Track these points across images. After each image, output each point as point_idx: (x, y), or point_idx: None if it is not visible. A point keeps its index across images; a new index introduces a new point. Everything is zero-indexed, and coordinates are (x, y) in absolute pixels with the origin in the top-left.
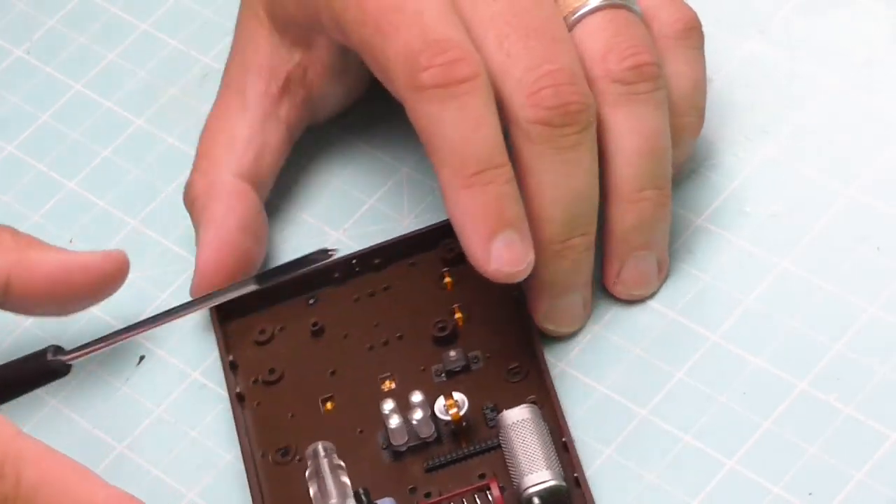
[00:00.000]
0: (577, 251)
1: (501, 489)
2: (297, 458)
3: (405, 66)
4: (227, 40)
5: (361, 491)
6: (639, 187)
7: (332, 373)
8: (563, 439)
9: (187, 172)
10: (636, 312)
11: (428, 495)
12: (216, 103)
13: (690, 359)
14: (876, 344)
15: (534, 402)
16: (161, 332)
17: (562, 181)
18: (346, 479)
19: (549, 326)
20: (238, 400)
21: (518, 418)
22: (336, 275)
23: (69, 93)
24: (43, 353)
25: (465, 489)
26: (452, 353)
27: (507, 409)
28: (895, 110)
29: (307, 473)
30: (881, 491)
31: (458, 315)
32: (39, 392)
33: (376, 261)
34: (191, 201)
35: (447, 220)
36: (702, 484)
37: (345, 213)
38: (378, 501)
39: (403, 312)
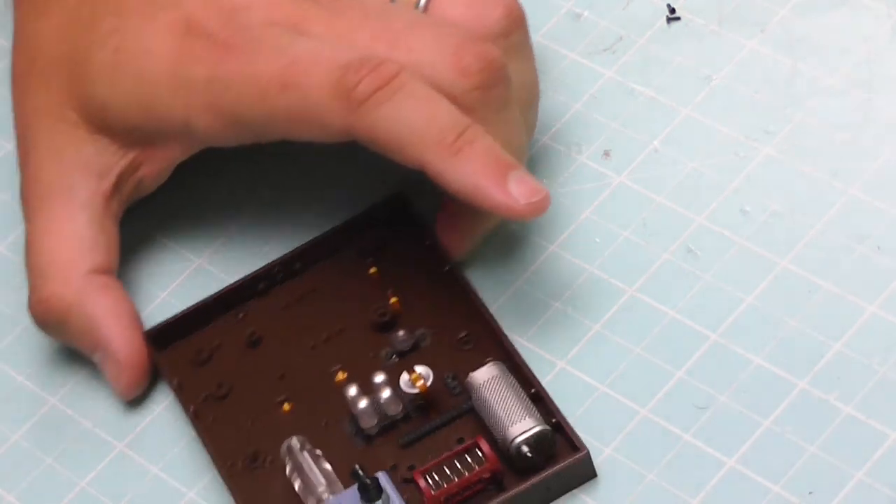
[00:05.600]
0: None
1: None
2: (270, 459)
3: (336, 93)
4: None
5: (358, 467)
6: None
7: (282, 376)
8: (533, 390)
9: (186, 170)
10: (636, 312)
11: (412, 468)
12: (37, 214)
13: (690, 359)
14: (876, 343)
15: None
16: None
17: (505, 141)
18: (327, 466)
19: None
20: (196, 417)
21: (488, 376)
22: (261, 286)
23: None
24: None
25: (455, 450)
26: (401, 333)
27: (469, 373)
28: (895, 110)
29: (287, 471)
30: (881, 490)
31: (393, 300)
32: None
33: (297, 265)
34: (63, 312)
35: (359, 214)
36: (702, 483)
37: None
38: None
39: (337, 308)
